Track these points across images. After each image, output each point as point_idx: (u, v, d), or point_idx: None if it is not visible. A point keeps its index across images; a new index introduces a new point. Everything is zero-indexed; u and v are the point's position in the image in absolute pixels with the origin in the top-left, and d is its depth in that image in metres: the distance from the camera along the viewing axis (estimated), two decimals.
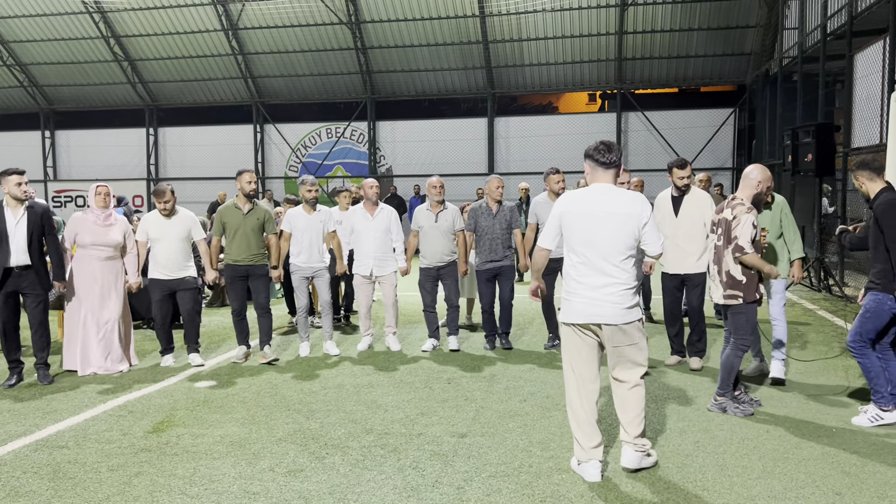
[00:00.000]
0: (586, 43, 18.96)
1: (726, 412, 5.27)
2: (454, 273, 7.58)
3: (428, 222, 7.51)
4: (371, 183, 7.64)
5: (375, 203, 7.59)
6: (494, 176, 7.51)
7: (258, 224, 7.08)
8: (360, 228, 7.59)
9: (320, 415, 5.44)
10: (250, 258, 7.07)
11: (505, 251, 7.44)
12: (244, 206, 7.06)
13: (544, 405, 5.60)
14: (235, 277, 7.09)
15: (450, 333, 7.62)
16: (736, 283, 5.18)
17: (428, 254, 7.52)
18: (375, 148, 21.04)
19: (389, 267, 7.59)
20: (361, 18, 18.92)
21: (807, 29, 14.75)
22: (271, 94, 21.41)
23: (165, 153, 22.46)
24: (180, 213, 7.03)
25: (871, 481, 4.10)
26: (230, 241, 7.08)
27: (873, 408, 5.08)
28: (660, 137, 19.48)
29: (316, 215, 7.42)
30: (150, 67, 21.20)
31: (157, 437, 4.98)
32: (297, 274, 7.42)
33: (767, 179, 5.26)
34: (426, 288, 7.57)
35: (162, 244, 6.92)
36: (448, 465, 4.41)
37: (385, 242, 7.56)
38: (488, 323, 7.64)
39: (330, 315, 7.57)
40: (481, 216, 7.45)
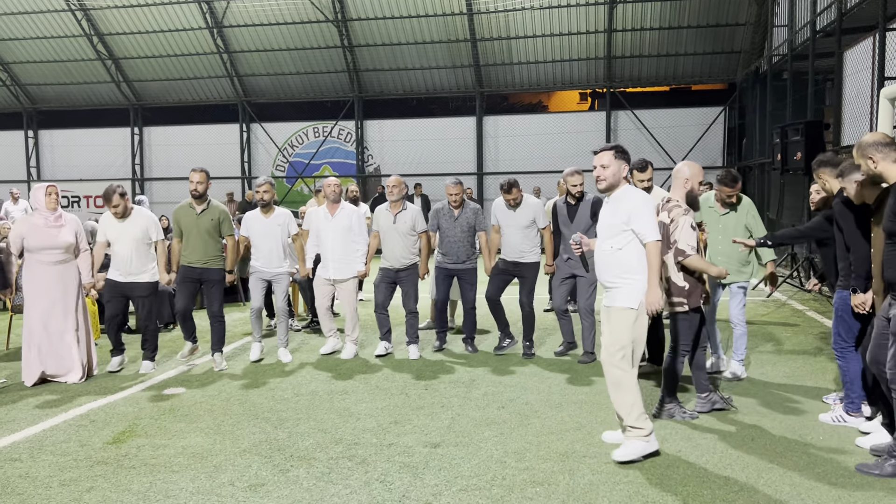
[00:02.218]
0: (575, 41, 18.78)
1: (674, 418, 5.14)
2: (413, 278, 7.32)
3: (387, 223, 7.28)
4: (330, 182, 7.39)
5: (336, 202, 7.35)
6: (450, 182, 7.20)
7: (213, 225, 6.82)
8: (320, 228, 7.36)
9: (289, 424, 5.23)
10: (204, 261, 6.81)
11: (467, 254, 7.26)
12: (198, 206, 6.81)
13: (522, 412, 5.40)
14: (186, 278, 6.84)
15: (409, 342, 7.35)
16: (679, 289, 4.97)
17: (387, 255, 7.31)
18: (363, 147, 20.81)
19: (349, 271, 7.32)
20: (348, 16, 18.69)
21: (796, 26, 14.60)
22: (257, 93, 21.16)
23: (151, 153, 22.17)
24: (136, 214, 6.78)
25: (860, 494, 3.92)
26: (185, 243, 6.84)
27: (839, 409, 5.08)
28: (649, 136, 19.32)
29: (273, 218, 7.17)
30: (135, 66, 20.92)
31: (115, 449, 4.76)
32: (255, 275, 7.20)
33: (697, 175, 5.07)
34: (380, 288, 7.33)
35: (118, 245, 6.70)
36: (417, 479, 4.21)
37: (346, 243, 7.28)
38: (439, 320, 7.52)
39: (285, 322, 7.31)
40: (442, 217, 7.29)
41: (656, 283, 4.35)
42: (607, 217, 4.51)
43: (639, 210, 4.35)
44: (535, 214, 7.07)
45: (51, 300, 6.43)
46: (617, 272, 4.43)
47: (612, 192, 4.50)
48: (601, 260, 4.54)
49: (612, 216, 4.46)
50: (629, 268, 4.39)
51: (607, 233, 4.50)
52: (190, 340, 7.07)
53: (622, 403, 4.39)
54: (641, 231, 4.35)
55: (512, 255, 7.17)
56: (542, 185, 17.69)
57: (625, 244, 4.40)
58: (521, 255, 7.14)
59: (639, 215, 4.34)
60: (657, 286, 4.35)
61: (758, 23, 17.48)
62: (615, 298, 4.45)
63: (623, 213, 4.39)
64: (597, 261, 4.60)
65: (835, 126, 12.45)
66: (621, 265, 4.41)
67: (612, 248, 4.44)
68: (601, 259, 4.54)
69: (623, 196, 4.46)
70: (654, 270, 4.34)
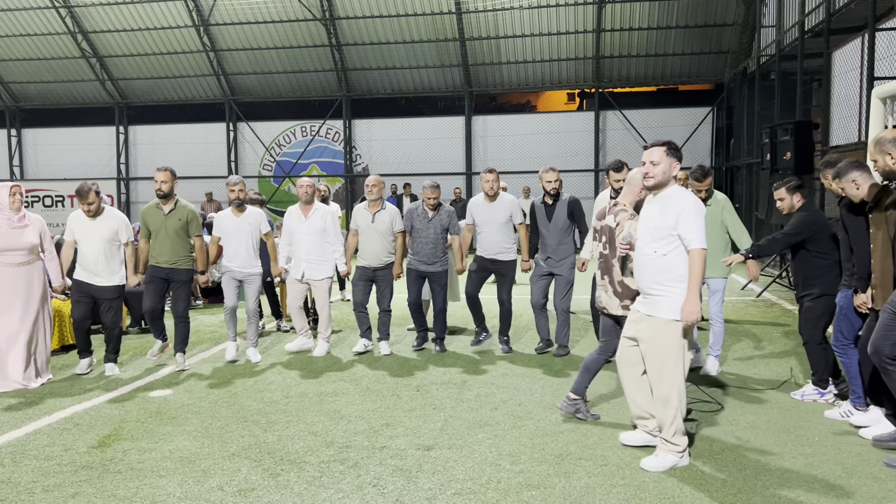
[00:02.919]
0: (564, 41, 18.75)
1: (578, 414, 5.08)
2: (390, 277, 7.31)
3: (365, 222, 7.24)
4: (303, 182, 7.30)
5: (309, 203, 7.28)
6: (428, 185, 7.18)
7: (180, 225, 6.70)
8: (293, 229, 7.31)
9: (279, 426, 5.14)
10: (173, 261, 6.69)
11: (437, 256, 7.23)
12: (165, 206, 6.69)
13: (516, 414, 5.33)
14: (154, 277, 6.72)
15: (380, 339, 7.39)
16: (629, 291, 4.85)
17: (365, 254, 7.26)
18: (351, 147, 20.69)
19: (323, 271, 7.29)
20: (336, 15, 18.57)
21: (784, 27, 14.64)
22: (244, 92, 20.99)
23: (136, 152, 21.94)
24: (107, 214, 6.63)
25: (859, 495, 3.88)
26: (153, 243, 6.72)
27: (847, 404, 5.13)
28: (638, 136, 19.32)
29: (244, 217, 7.09)
30: (120, 64, 20.70)
31: (100, 453, 4.65)
32: (227, 275, 7.11)
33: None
34: (358, 287, 7.32)
35: (86, 245, 6.54)
36: (411, 482, 4.12)
37: (320, 244, 7.25)
38: (416, 320, 7.50)
39: (255, 322, 7.23)
40: (416, 219, 7.26)
41: (696, 292, 4.06)
42: (652, 219, 4.22)
43: (689, 214, 4.07)
44: (512, 210, 7.20)
45: (12, 302, 6.24)
46: (660, 279, 4.16)
47: (659, 192, 4.24)
48: (642, 264, 4.27)
49: (659, 218, 4.17)
50: (675, 276, 4.13)
51: (652, 236, 4.21)
52: (160, 339, 6.94)
53: (665, 417, 4.23)
54: (688, 236, 4.06)
55: (490, 252, 7.24)
56: (531, 186, 17.64)
57: (670, 249, 4.13)
58: (498, 253, 7.21)
59: (688, 219, 4.06)
60: (697, 296, 4.06)
61: (745, 23, 17.52)
62: (658, 308, 4.18)
63: (672, 215, 4.10)
64: (637, 265, 4.35)
65: (823, 126, 12.49)
66: (665, 272, 4.15)
67: (656, 254, 4.17)
68: (643, 263, 4.27)
69: (673, 197, 4.16)
70: (695, 279, 4.06)
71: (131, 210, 21.39)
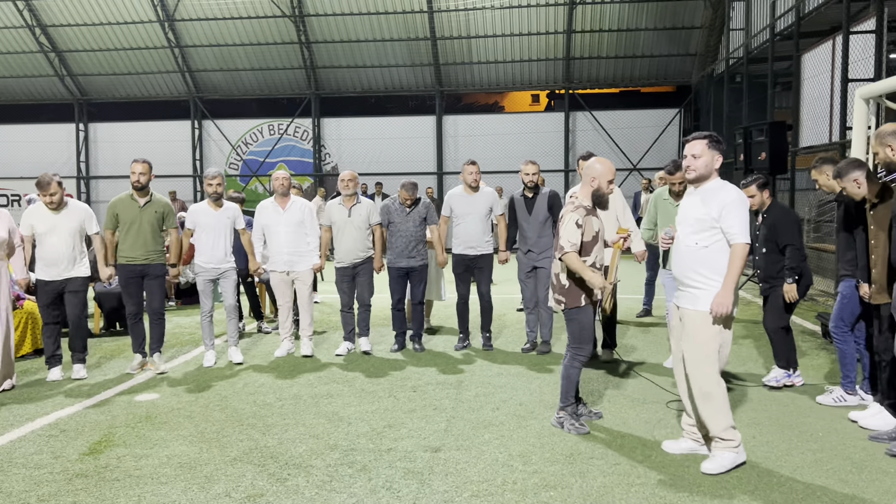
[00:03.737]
0: (535, 41, 18.80)
1: (563, 428, 4.86)
2: (369, 271, 7.23)
3: (341, 217, 7.13)
4: (279, 175, 7.17)
5: (286, 195, 7.17)
6: (405, 185, 7.14)
7: (156, 218, 6.52)
8: (270, 223, 7.15)
9: (277, 430, 4.98)
10: (146, 256, 6.49)
11: (417, 250, 7.19)
12: (140, 198, 6.48)
13: (518, 413, 5.27)
14: (130, 278, 6.50)
15: (360, 334, 7.30)
16: (560, 286, 4.83)
17: (342, 251, 7.14)
18: (320, 145, 20.44)
19: (305, 263, 7.18)
20: (305, 12, 18.32)
21: (752, 30, 14.89)
22: (210, 89, 20.57)
23: (97, 150, 21.34)
24: (72, 205, 6.37)
25: (872, 490, 3.90)
26: (124, 237, 6.47)
27: (839, 390, 5.36)
28: (607, 137, 19.47)
29: (222, 211, 6.90)
30: (80, 59, 20.11)
31: (94, 460, 4.45)
32: (202, 277, 6.87)
33: (606, 174, 4.81)
34: (343, 289, 7.22)
35: (50, 239, 6.23)
36: (425, 485, 4.03)
37: (299, 237, 7.14)
38: (397, 320, 7.39)
39: (235, 320, 7.03)
40: (394, 213, 7.19)
41: (731, 286, 4.00)
42: (695, 210, 4.13)
43: (733, 207, 3.99)
44: (493, 202, 7.29)
45: None
46: (701, 271, 4.08)
47: (700, 184, 4.16)
48: (682, 255, 4.20)
49: (701, 209, 4.08)
50: (715, 268, 4.06)
51: (693, 227, 4.12)
52: (140, 353, 6.68)
53: (710, 414, 4.15)
54: (731, 230, 3.99)
55: (468, 247, 7.22)
56: (503, 185, 17.63)
57: (712, 242, 4.06)
58: (476, 248, 7.23)
59: (732, 212, 3.99)
60: (731, 290, 3.99)
61: (713, 26, 17.79)
62: (697, 301, 4.12)
63: (715, 207, 4.02)
64: (675, 255, 4.28)
65: (793, 128, 12.71)
66: (706, 264, 4.07)
67: (698, 245, 4.10)
68: (682, 254, 4.20)
69: (717, 190, 4.09)
70: (733, 273, 3.99)
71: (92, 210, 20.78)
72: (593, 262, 4.77)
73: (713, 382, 4.15)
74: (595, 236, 4.77)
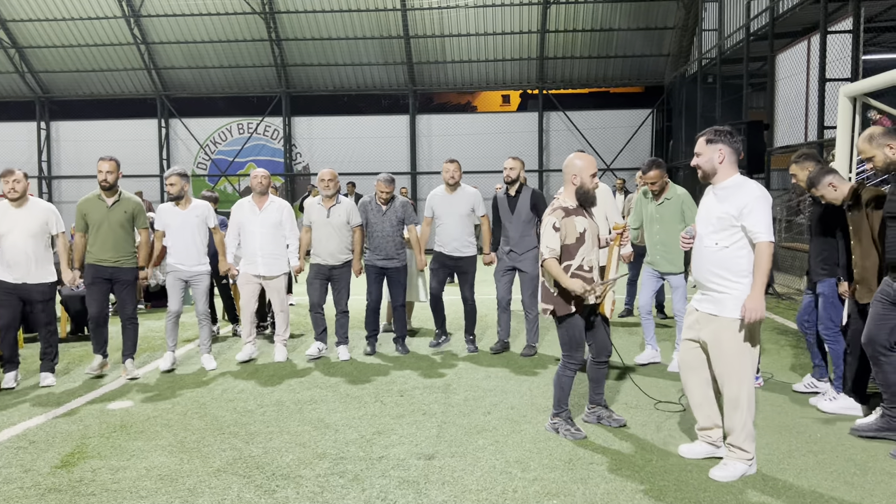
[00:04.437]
0: (509, 41, 18.73)
1: (559, 433, 4.72)
2: (347, 276, 7.00)
3: (320, 218, 6.90)
4: (258, 173, 6.91)
5: (264, 194, 6.90)
6: (383, 178, 7.02)
7: (126, 218, 6.23)
8: (246, 223, 6.86)
9: (261, 438, 4.76)
10: (116, 258, 6.20)
11: (396, 250, 7.02)
12: (108, 198, 6.20)
13: (511, 417, 5.11)
14: (97, 279, 6.19)
15: (338, 343, 7.04)
16: (546, 292, 4.68)
17: (320, 251, 6.92)
18: (291, 145, 20.12)
19: (280, 267, 6.92)
20: (276, 8, 18.02)
21: (725, 31, 14.97)
22: (177, 87, 20.13)
23: (59, 149, 20.77)
24: (33, 204, 6.07)
25: (879, 492, 3.82)
26: (93, 238, 6.19)
27: (809, 377, 5.55)
28: (581, 137, 19.48)
29: (191, 210, 6.60)
30: (42, 56, 19.54)
31: (67, 474, 4.18)
32: (172, 275, 6.60)
33: (585, 168, 4.61)
34: (314, 286, 6.97)
35: (9, 240, 5.92)
36: (422, 495, 3.85)
37: (276, 238, 6.87)
38: (370, 322, 7.18)
39: (207, 326, 6.74)
40: (370, 212, 7.02)
41: (761, 288, 3.81)
42: (712, 209, 3.98)
43: (755, 204, 3.81)
44: (475, 202, 7.09)
45: None
46: (722, 273, 3.93)
47: (715, 182, 4.00)
48: (702, 257, 4.04)
49: (720, 208, 3.92)
50: (738, 270, 3.90)
51: (713, 227, 3.96)
52: (100, 354, 6.40)
53: (735, 422, 4.00)
54: (754, 228, 3.80)
55: (450, 247, 7.08)
56: (478, 184, 17.49)
57: (732, 242, 3.89)
58: (459, 249, 7.08)
59: (753, 211, 3.80)
60: (761, 292, 3.81)
61: (685, 27, 17.89)
62: (722, 306, 3.96)
63: (735, 206, 3.84)
64: (696, 257, 4.12)
65: (769, 128, 12.78)
66: (728, 266, 3.91)
67: (718, 246, 3.93)
68: (702, 256, 4.04)
69: (735, 187, 3.91)
70: (761, 274, 3.82)
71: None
72: (580, 263, 4.56)
73: (743, 390, 3.98)
74: (580, 237, 4.55)
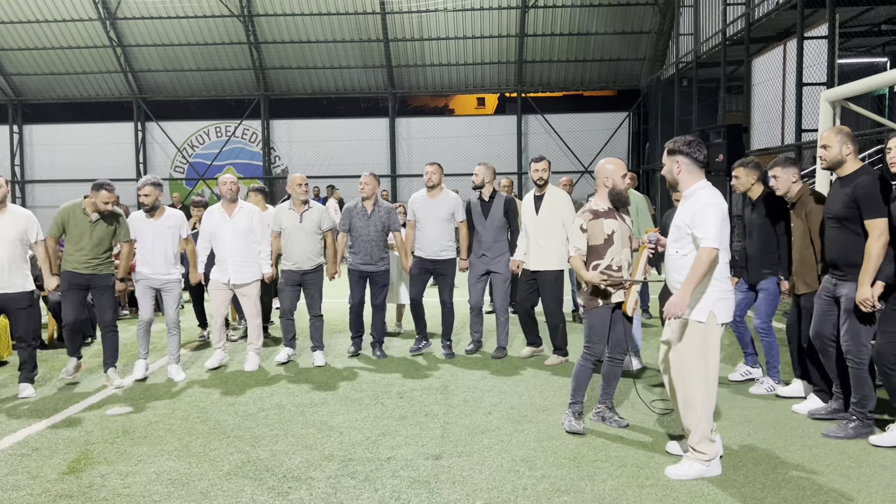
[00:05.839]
0: (487, 44, 18.85)
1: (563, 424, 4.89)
2: (319, 281, 7.03)
3: (292, 223, 6.91)
4: (227, 179, 6.88)
5: (234, 201, 6.85)
6: (365, 178, 7.08)
7: (109, 232, 6.16)
8: (216, 230, 6.80)
9: (267, 441, 4.79)
10: (93, 268, 6.12)
11: (380, 255, 7.07)
12: (93, 212, 6.10)
13: (512, 417, 5.20)
14: (73, 285, 6.11)
15: (314, 348, 7.04)
16: (582, 290, 4.87)
17: (292, 256, 6.93)
18: (270, 148, 20.03)
19: (250, 274, 6.85)
20: (254, 11, 17.96)
21: (701, 36, 15.24)
22: (154, 90, 19.94)
23: (32, 153, 20.46)
24: (11, 211, 5.93)
25: (875, 484, 3.96)
26: (71, 248, 6.09)
27: (769, 380, 5.73)
28: (559, 140, 19.67)
29: (163, 220, 6.50)
30: (14, 58, 19.24)
31: (76, 480, 4.18)
32: (142, 283, 6.50)
33: (615, 171, 4.78)
34: (286, 293, 6.99)
35: None
36: (434, 494, 3.91)
37: (246, 245, 6.80)
38: (354, 324, 7.24)
39: (177, 336, 6.60)
40: (356, 216, 7.07)
41: (689, 290, 3.93)
42: (675, 219, 4.17)
43: (703, 211, 3.94)
44: (455, 207, 7.14)
45: None
46: (682, 279, 4.05)
47: (680, 191, 4.17)
48: (669, 264, 4.22)
49: (679, 217, 4.11)
50: None
51: (674, 235, 4.16)
52: (75, 356, 6.32)
53: (689, 423, 4.12)
54: (699, 235, 3.95)
55: (430, 251, 7.13)
56: (458, 187, 17.58)
57: (689, 251, 4.05)
58: (439, 253, 7.13)
59: (702, 218, 3.94)
60: (687, 293, 3.93)
61: (661, 31, 18.15)
62: None
63: (688, 213, 4.02)
64: (666, 264, 4.29)
65: (746, 131, 13.03)
66: (685, 272, 4.04)
67: (678, 254, 4.12)
68: (669, 263, 4.22)
69: (691, 196, 4.08)
70: (693, 277, 3.91)
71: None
72: (609, 263, 4.71)
73: (697, 393, 4.09)
74: (608, 238, 4.70)
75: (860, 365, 4.61)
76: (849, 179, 4.64)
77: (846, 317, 4.63)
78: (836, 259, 4.72)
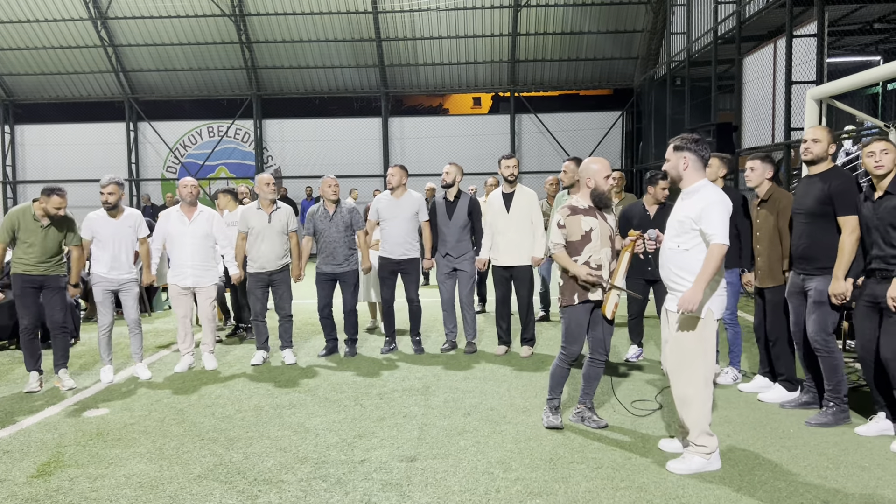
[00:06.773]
0: (480, 44, 18.80)
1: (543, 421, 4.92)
2: (287, 280, 7.02)
3: (260, 223, 6.89)
4: (187, 182, 6.80)
5: (193, 205, 6.81)
6: (327, 175, 7.10)
7: (59, 237, 6.14)
8: (175, 233, 6.75)
9: (241, 443, 4.74)
10: (45, 267, 6.09)
11: (345, 256, 7.07)
12: (43, 218, 6.06)
13: (491, 418, 5.15)
14: (27, 288, 6.06)
15: (283, 347, 7.04)
16: (559, 285, 4.88)
17: (259, 257, 6.90)
18: (262, 148, 19.97)
19: (209, 278, 6.84)
20: (246, 11, 17.89)
21: (693, 35, 15.19)
22: (146, 90, 19.87)
23: (24, 153, 20.38)
24: None
25: (853, 484, 3.92)
26: (22, 252, 6.04)
27: (733, 370, 5.97)
28: (552, 139, 19.62)
29: (123, 220, 6.45)
30: (5, 58, 19.16)
31: (44, 483, 4.12)
32: (100, 287, 6.41)
33: (599, 172, 4.73)
34: (256, 295, 6.98)
35: None
36: (405, 497, 3.86)
37: (204, 249, 6.78)
38: (326, 326, 7.26)
39: (139, 335, 6.58)
40: (318, 219, 7.08)
41: (702, 286, 3.95)
42: (677, 213, 4.14)
43: (712, 209, 3.95)
44: (419, 207, 7.22)
45: None
46: (683, 275, 4.06)
47: (682, 187, 4.16)
48: (666, 258, 4.18)
49: (682, 212, 4.08)
50: (696, 271, 4.03)
51: (675, 230, 4.12)
52: (36, 370, 6.19)
53: (686, 418, 4.14)
54: (709, 231, 3.94)
55: (395, 251, 7.17)
56: None
57: (693, 245, 4.04)
58: (404, 253, 7.18)
59: (710, 215, 3.95)
60: (701, 288, 3.94)
61: (653, 30, 18.11)
62: None
63: (694, 210, 4.01)
64: (661, 258, 4.25)
65: (737, 129, 12.99)
66: (688, 267, 4.05)
67: (679, 248, 4.09)
68: (666, 258, 4.18)
69: (694, 191, 4.09)
70: (706, 273, 3.94)
71: None
72: (587, 260, 4.69)
73: (693, 387, 4.12)
74: (585, 235, 4.68)
75: (830, 353, 4.79)
76: (825, 177, 4.79)
77: (815, 308, 4.79)
78: (804, 253, 4.87)
